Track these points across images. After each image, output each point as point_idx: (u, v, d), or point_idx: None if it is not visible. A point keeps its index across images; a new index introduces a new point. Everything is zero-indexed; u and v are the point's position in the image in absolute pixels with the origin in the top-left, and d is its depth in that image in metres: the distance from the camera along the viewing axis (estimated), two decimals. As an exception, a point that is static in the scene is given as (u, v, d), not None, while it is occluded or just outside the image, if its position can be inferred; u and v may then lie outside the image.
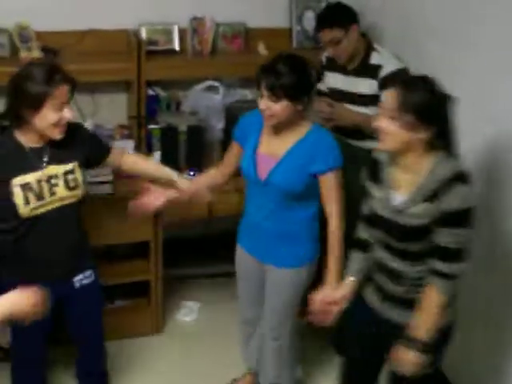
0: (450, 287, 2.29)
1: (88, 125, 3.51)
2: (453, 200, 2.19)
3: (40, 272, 2.48)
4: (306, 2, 3.94)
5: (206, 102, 3.65)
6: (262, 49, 3.84)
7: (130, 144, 3.49)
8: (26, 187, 2.35)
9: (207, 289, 3.81)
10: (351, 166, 2.89)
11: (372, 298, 2.55)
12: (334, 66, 3.33)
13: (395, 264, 2.39)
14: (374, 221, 2.44)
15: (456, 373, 3.20)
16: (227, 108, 3.64)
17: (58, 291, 2.49)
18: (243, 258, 2.94)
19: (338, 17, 3.21)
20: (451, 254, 2.25)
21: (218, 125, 3.61)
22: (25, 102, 2.28)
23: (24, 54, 3.35)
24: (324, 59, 3.42)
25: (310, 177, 2.59)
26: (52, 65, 2.37)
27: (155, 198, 2.79)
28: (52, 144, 2.42)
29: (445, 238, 2.23)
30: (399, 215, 2.30)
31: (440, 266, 2.26)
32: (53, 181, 2.39)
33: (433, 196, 2.22)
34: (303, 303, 2.77)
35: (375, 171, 2.42)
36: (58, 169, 2.41)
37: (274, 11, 3.91)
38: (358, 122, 3.24)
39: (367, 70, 3.22)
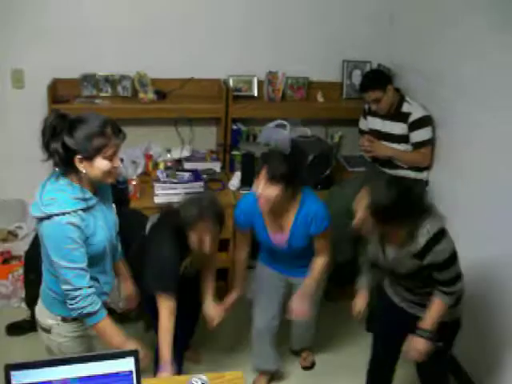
0: (451, 298, 2.45)
1: (187, 149, 4.13)
2: (436, 256, 2.32)
3: None
4: (354, 63, 4.36)
5: (276, 135, 4.00)
6: (319, 97, 4.33)
7: (217, 165, 4.10)
8: None
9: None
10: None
11: (392, 297, 2.73)
12: (373, 112, 3.82)
13: (406, 284, 2.58)
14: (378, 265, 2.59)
15: (471, 363, 3.35)
16: (292, 141, 3.98)
17: None
18: (267, 273, 3.20)
19: (377, 81, 3.68)
20: (449, 282, 2.41)
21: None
22: None
23: (142, 95, 3.94)
24: (366, 107, 3.92)
25: (309, 236, 2.94)
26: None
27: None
28: None
29: (439, 276, 2.39)
30: (396, 267, 2.47)
31: (442, 288, 2.43)
32: None
33: (417, 255, 2.35)
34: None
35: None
36: None
37: (330, 69, 4.35)
38: (390, 154, 3.76)
39: (400, 116, 3.69)
